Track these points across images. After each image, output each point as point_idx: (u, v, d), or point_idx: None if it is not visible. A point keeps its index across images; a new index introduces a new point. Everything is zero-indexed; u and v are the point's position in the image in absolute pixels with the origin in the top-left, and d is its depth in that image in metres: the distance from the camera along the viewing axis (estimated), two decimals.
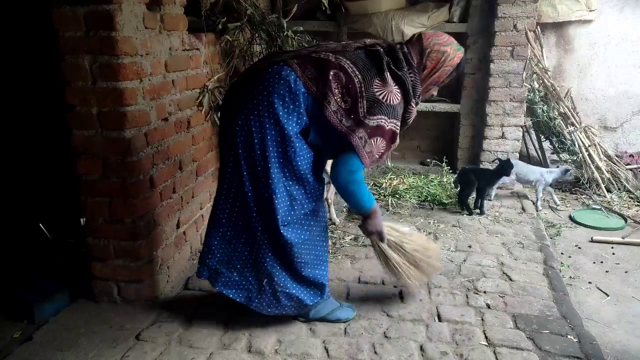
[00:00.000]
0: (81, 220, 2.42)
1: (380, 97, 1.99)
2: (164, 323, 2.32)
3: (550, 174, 3.93)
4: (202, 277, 2.27)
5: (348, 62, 2.01)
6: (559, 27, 4.58)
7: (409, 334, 2.25)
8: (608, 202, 4.04)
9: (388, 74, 2.03)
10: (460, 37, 4.40)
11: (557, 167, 4.16)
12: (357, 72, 2.00)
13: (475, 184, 3.68)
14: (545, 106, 4.41)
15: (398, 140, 2.09)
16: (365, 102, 1.98)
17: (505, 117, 4.27)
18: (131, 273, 2.44)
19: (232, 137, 2.02)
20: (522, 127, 4.37)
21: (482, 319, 2.36)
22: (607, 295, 2.69)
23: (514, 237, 3.31)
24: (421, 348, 2.16)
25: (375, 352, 2.13)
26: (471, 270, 2.83)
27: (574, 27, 4.57)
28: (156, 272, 2.54)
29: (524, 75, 4.19)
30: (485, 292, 2.60)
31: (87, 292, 2.50)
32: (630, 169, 4.38)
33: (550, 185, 3.97)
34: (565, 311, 2.43)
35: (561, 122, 4.39)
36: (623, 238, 3.39)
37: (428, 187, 4.18)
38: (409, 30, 4.25)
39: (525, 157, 4.66)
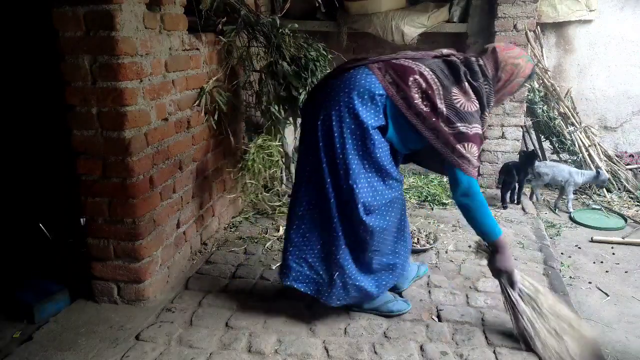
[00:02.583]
0: (81, 220, 2.42)
1: (458, 105, 2.05)
2: (164, 323, 2.32)
3: (580, 176, 3.85)
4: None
5: (428, 69, 2.10)
6: (559, 27, 4.58)
7: (409, 334, 2.25)
8: (608, 202, 4.04)
9: (466, 84, 2.10)
10: (460, 37, 4.42)
11: (592, 171, 3.95)
12: (435, 80, 2.07)
13: (516, 179, 3.84)
14: (545, 106, 4.41)
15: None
16: (444, 108, 2.04)
17: (505, 117, 4.27)
18: (131, 273, 2.44)
19: (314, 132, 2.11)
20: (522, 127, 4.36)
21: (482, 319, 2.36)
22: (607, 295, 2.69)
23: (514, 237, 3.31)
24: (421, 348, 2.16)
25: (375, 352, 2.13)
26: (471, 270, 2.83)
27: (574, 27, 4.57)
28: (156, 272, 2.54)
29: None
30: (485, 292, 2.60)
31: (87, 292, 2.50)
32: (630, 169, 4.38)
33: (580, 187, 3.93)
34: None
35: (561, 122, 4.39)
36: (623, 238, 3.39)
37: (428, 187, 4.19)
38: (409, 30, 4.25)
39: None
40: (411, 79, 2.06)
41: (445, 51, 2.25)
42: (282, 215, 3.54)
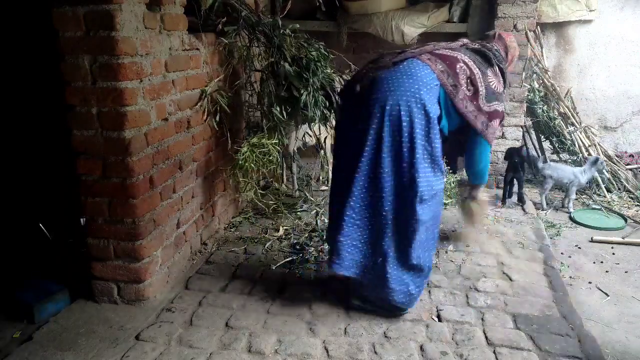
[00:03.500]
0: (81, 220, 2.42)
1: (493, 87, 2.40)
2: (164, 323, 2.32)
3: (584, 174, 3.84)
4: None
5: (467, 57, 2.37)
6: (559, 27, 4.58)
7: (409, 334, 2.25)
8: (608, 202, 4.03)
9: (496, 68, 2.46)
10: (460, 37, 4.41)
11: (587, 162, 3.94)
12: (475, 66, 2.37)
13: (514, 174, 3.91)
14: (545, 106, 4.41)
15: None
16: (484, 90, 2.35)
17: (505, 117, 4.26)
18: (131, 273, 2.44)
19: (373, 123, 2.17)
20: (522, 127, 4.37)
21: (482, 319, 2.36)
22: (607, 295, 2.69)
23: (514, 237, 3.31)
24: (421, 348, 2.16)
25: (375, 352, 2.13)
26: (471, 270, 2.83)
27: (574, 27, 4.57)
28: (156, 272, 2.54)
29: (524, 75, 4.18)
30: (485, 292, 2.60)
31: (87, 292, 2.50)
32: (630, 169, 4.38)
33: (584, 185, 3.93)
34: (565, 311, 2.43)
35: (561, 122, 4.39)
36: (623, 238, 3.39)
37: None
38: (409, 30, 4.25)
39: (525, 157, 4.65)
40: (458, 66, 2.30)
41: (465, 40, 2.56)
42: (279, 214, 3.53)
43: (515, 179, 3.90)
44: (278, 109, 3.10)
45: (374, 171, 2.20)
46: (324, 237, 2.43)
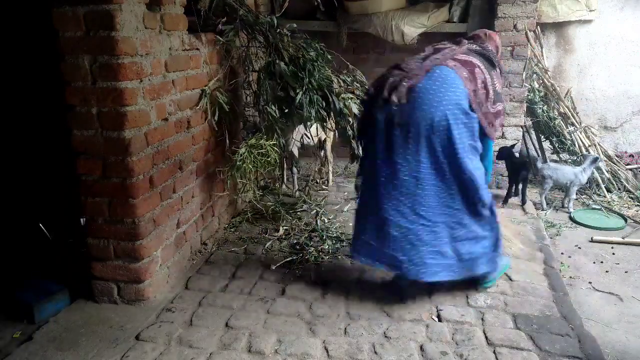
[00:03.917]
0: (81, 220, 2.42)
1: (497, 89, 2.46)
2: (164, 323, 2.32)
3: (584, 173, 3.84)
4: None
5: (479, 62, 2.44)
6: (559, 27, 4.57)
7: (409, 334, 2.25)
8: (608, 202, 4.03)
9: (497, 69, 2.53)
10: (459, 37, 4.41)
11: (584, 161, 3.97)
12: (486, 71, 2.43)
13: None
14: (545, 106, 4.41)
15: None
16: (492, 93, 2.42)
17: (505, 117, 4.26)
18: (131, 273, 2.44)
19: (424, 131, 2.28)
20: (522, 127, 4.36)
21: (482, 319, 2.37)
22: (613, 294, 2.69)
23: (514, 237, 3.30)
24: (421, 348, 2.16)
25: (375, 352, 2.13)
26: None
27: (574, 27, 4.56)
28: (156, 272, 2.54)
29: (524, 75, 4.18)
30: (485, 292, 2.60)
31: (87, 292, 2.50)
32: (630, 169, 4.38)
33: (584, 183, 3.94)
34: (565, 311, 2.43)
35: (561, 122, 4.39)
36: (623, 238, 3.39)
37: None
38: (409, 30, 4.25)
39: (525, 157, 4.65)
40: (476, 71, 2.39)
41: (465, 41, 2.60)
42: (279, 215, 3.52)
43: (520, 179, 3.89)
44: (273, 108, 3.09)
45: (440, 173, 2.34)
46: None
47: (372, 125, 2.40)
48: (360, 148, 2.61)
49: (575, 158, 4.33)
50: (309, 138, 3.74)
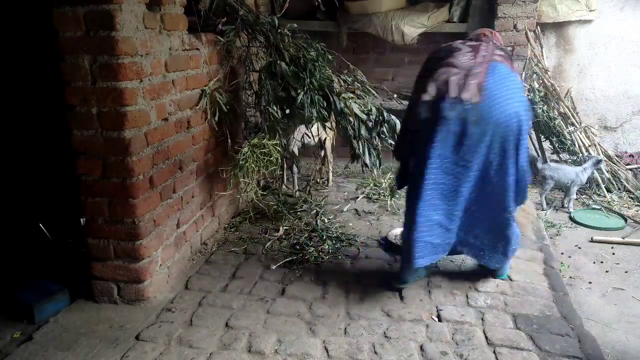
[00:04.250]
0: (81, 220, 2.42)
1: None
2: (164, 323, 2.32)
3: (584, 172, 3.85)
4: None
5: (509, 58, 2.53)
6: (559, 27, 4.58)
7: (409, 334, 2.25)
8: (608, 202, 4.03)
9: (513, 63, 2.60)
10: (459, 37, 4.41)
11: (587, 161, 3.97)
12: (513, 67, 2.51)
13: None
14: (545, 106, 4.41)
15: None
16: None
17: None
18: (131, 273, 2.44)
19: (494, 129, 2.29)
20: None
21: (482, 319, 2.37)
22: (614, 290, 2.69)
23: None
24: (421, 348, 2.16)
25: (375, 352, 2.13)
26: (471, 270, 2.83)
27: (574, 27, 4.57)
28: (156, 272, 2.54)
29: (524, 75, 4.18)
30: (485, 292, 2.61)
31: (87, 292, 2.50)
32: (630, 169, 4.38)
33: (584, 183, 3.95)
34: (565, 311, 2.43)
35: (561, 122, 4.39)
36: (623, 238, 3.39)
37: None
38: (409, 30, 4.25)
39: None
40: (515, 66, 2.50)
41: (476, 36, 2.68)
42: (279, 214, 3.52)
43: None
44: (275, 108, 3.10)
45: (500, 171, 2.40)
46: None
47: (437, 125, 2.30)
48: (404, 148, 2.62)
49: (575, 158, 4.33)
50: (309, 138, 3.74)
